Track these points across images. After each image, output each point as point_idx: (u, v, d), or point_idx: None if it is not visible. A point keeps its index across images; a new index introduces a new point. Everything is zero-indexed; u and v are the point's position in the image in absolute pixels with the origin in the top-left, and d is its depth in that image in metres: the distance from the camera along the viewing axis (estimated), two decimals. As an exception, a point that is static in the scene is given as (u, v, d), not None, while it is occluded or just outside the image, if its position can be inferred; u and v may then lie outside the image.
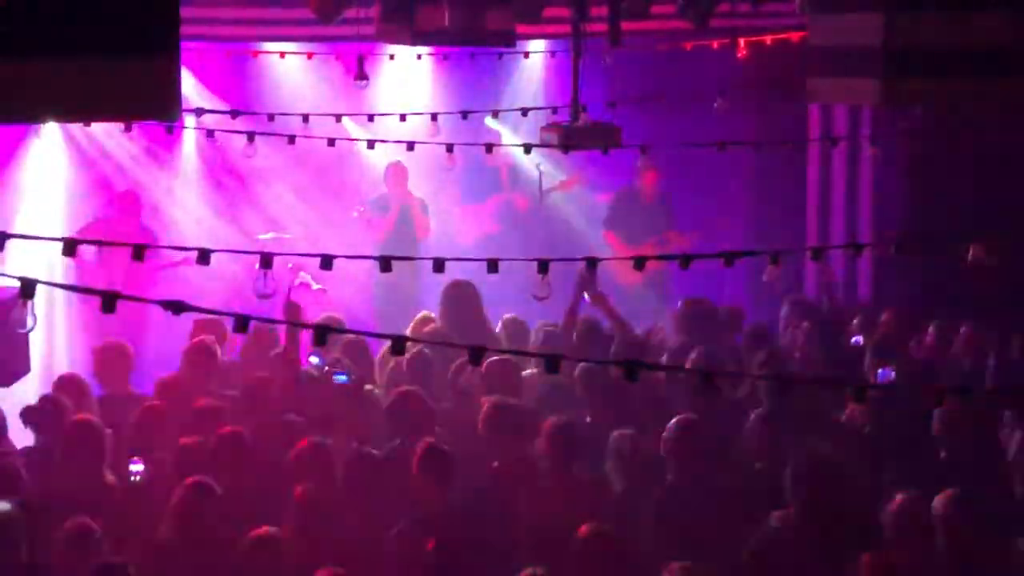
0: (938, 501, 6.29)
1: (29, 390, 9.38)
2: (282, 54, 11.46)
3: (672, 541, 6.63)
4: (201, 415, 7.82)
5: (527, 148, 9.12)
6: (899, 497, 6.37)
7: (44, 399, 7.97)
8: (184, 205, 12.58)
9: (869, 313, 9.95)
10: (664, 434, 7.17)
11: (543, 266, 6.45)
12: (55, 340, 11.49)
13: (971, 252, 7.96)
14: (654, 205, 12.46)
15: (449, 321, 9.46)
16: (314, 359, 8.64)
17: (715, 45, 11.59)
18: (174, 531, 6.58)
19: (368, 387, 8.64)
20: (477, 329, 9.25)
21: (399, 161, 11.90)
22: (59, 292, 10.71)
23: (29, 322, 5.39)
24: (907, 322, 9.52)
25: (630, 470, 7.21)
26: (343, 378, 8.22)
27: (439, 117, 9.78)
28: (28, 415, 7.77)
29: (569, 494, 7.07)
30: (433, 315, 9.78)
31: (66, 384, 8.27)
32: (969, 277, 8.95)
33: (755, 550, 6.35)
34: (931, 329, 9.35)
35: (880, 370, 8.18)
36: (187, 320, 9.42)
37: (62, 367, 10.58)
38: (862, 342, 9.11)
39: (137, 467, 7.21)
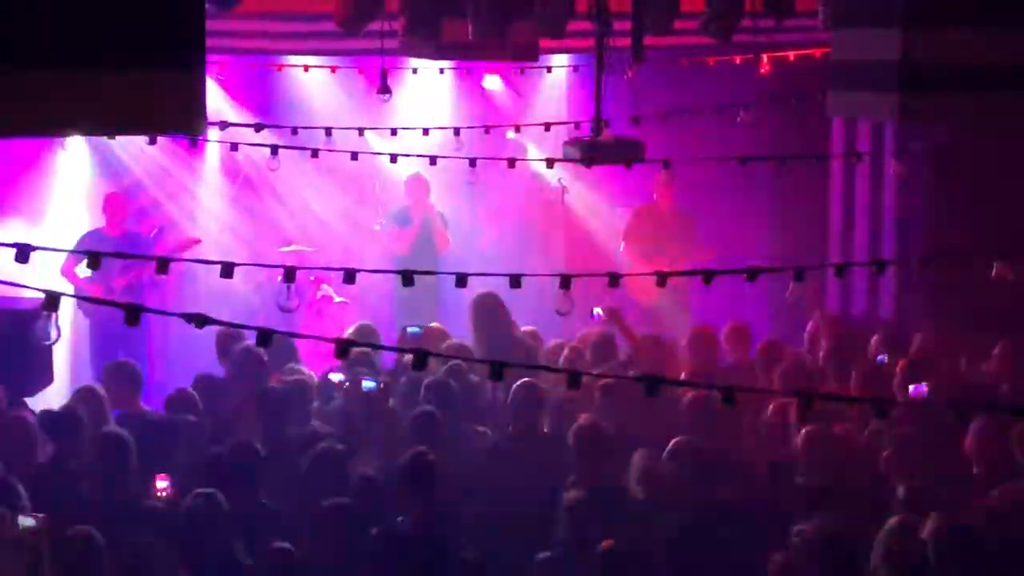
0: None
1: (52, 402, 9.41)
2: (306, 67, 11.50)
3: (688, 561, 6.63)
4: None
5: (550, 162, 9.12)
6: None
7: (65, 409, 8.00)
8: (207, 217, 12.62)
9: (892, 331, 9.90)
10: (664, 455, 7.16)
11: (565, 281, 6.44)
12: (79, 352, 11.53)
13: (995, 269, 7.94)
14: (672, 221, 12.40)
15: (481, 333, 9.42)
16: (335, 376, 8.64)
17: (738, 60, 11.58)
18: None
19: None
20: (507, 342, 9.24)
21: (419, 173, 11.90)
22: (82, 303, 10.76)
23: (53, 334, 5.42)
24: (939, 340, 9.47)
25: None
26: (371, 384, 8.22)
27: (462, 131, 9.79)
28: (47, 421, 7.78)
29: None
30: (442, 326, 9.77)
31: (85, 396, 8.29)
32: (993, 294, 8.92)
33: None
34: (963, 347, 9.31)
35: (912, 386, 8.13)
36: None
37: (85, 378, 10.62)
38: (887, 360, 9.05)
39: (163, 483, 7.22)
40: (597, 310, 9.42)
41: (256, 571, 6.52)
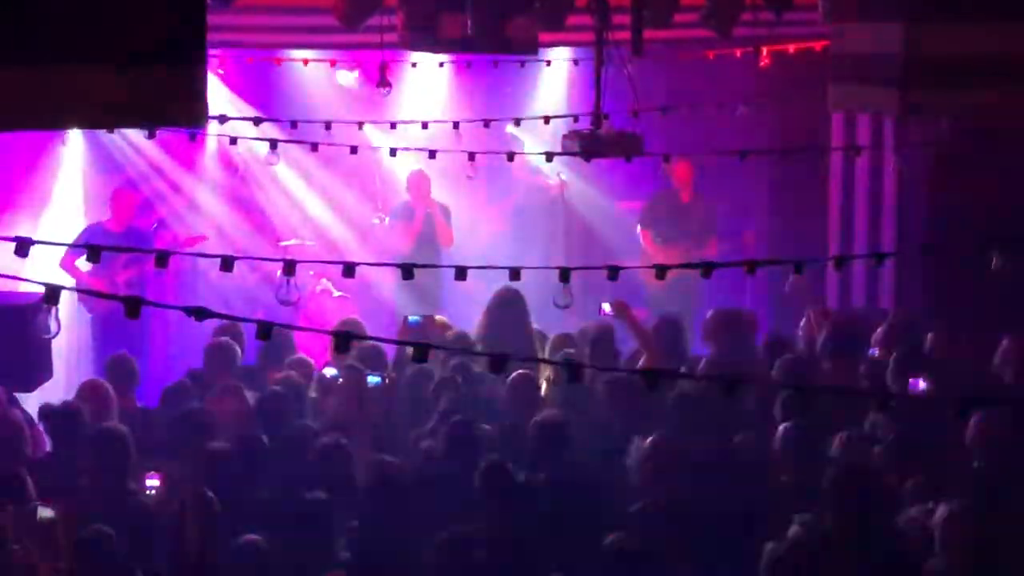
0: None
1: (52, 395, 9.41)
2: (305, 61, 11.49)
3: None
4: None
5: (549, 156, 9.12)
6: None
7: (64, 404, 7.99)
8: (206, 212, 12.61)
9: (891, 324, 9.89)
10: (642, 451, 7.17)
11: (565, 274, 6.43)
12: (79, 345, 11.53)
13: (994, 262, 7.93)
14: (690, 208, 12.36)
15: (493, 326, 9.43)
16: (329, 371, 8.62)
17: (738, 54, 11.57)
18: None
19: None
20: (520, 338, 9.24)
21: (421, 169, 11.90)
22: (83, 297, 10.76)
23: (53, 327, 5.42)
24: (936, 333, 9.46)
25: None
26: (376, 379, 8.19)
27: (461, 125, 9.77)
28: (47, 416, 7.78)
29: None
30: (445, 319, 9.78)
31: (88, 391, 8.28)
32: (992, 287, 8.91)
33: (780, 556, 6.28)
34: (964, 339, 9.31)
35: (912, 380, 8.13)
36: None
37: (86, 372, 10.62)
38: (878, 354, 9.04)
39: (153, 482, 7.20)
40: (605, 306, 9.33)
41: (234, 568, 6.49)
